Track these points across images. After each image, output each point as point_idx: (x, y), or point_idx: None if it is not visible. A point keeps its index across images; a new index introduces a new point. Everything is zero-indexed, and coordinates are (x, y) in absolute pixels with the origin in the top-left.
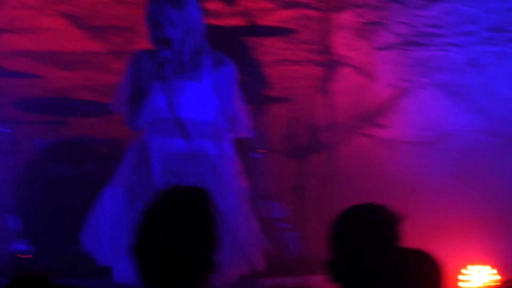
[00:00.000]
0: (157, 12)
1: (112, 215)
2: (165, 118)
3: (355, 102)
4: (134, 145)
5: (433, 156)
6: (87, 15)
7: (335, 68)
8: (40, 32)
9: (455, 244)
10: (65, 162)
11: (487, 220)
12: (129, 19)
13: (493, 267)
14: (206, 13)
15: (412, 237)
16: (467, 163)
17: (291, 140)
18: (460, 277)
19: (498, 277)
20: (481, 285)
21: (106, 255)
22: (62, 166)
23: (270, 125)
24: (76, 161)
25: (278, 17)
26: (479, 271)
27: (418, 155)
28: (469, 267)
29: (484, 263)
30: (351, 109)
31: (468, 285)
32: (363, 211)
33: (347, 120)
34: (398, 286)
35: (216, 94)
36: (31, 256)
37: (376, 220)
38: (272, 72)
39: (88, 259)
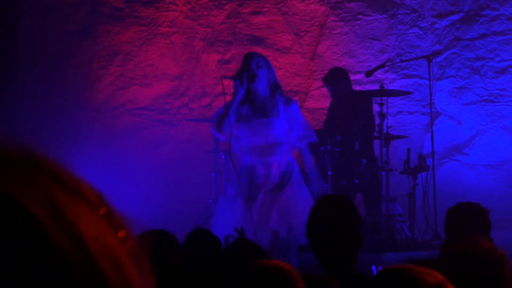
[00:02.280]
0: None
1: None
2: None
3: (448, 138)
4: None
5: (499, 174)
6: None
7: (436, 117)
8: None
9: None
10: None
11: None
12: (303, 85)
13: None
14: (353, 82)
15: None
16: None
17: (406, 163)
18: None
19: None
20: None
21: None
22: None
23: (393, 153)
24: None
25: (400, 84)
26: None
27: (489, 173)
28: None
29: None
30: (446, 143)
31: None
32: (460, 209)
33: (443, 150)
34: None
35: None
36: None
37: (474, 212)
38: (395, 119)
39: None
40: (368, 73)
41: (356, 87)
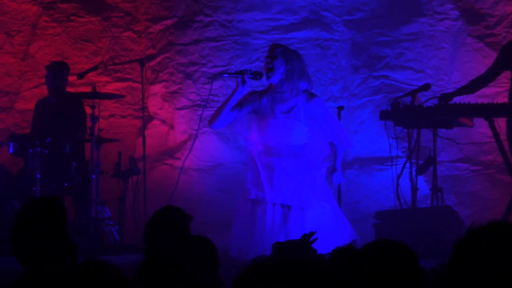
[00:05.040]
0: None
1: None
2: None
3: (161, 143)
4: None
5: (210, 178)
6: None
7: (148, 121)
8: None
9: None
10: None
11: None
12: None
13: None
14: (68, 84)
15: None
16: (231, 183)
17: (117, 167)
18: None
19: None
20: None
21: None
22: None
23: (104, 156)
24: None
25: (113, 87)
26: None
27: (201, 177)
28: None
29: None
30: (158, 147)
31: None
32: (166, 212)
33: (155, 154)
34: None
35: (309, 122)
36: None
37: (175, 218)
38: (108, 122)
39: None
40: (80, 75)
41: (68, 89)
